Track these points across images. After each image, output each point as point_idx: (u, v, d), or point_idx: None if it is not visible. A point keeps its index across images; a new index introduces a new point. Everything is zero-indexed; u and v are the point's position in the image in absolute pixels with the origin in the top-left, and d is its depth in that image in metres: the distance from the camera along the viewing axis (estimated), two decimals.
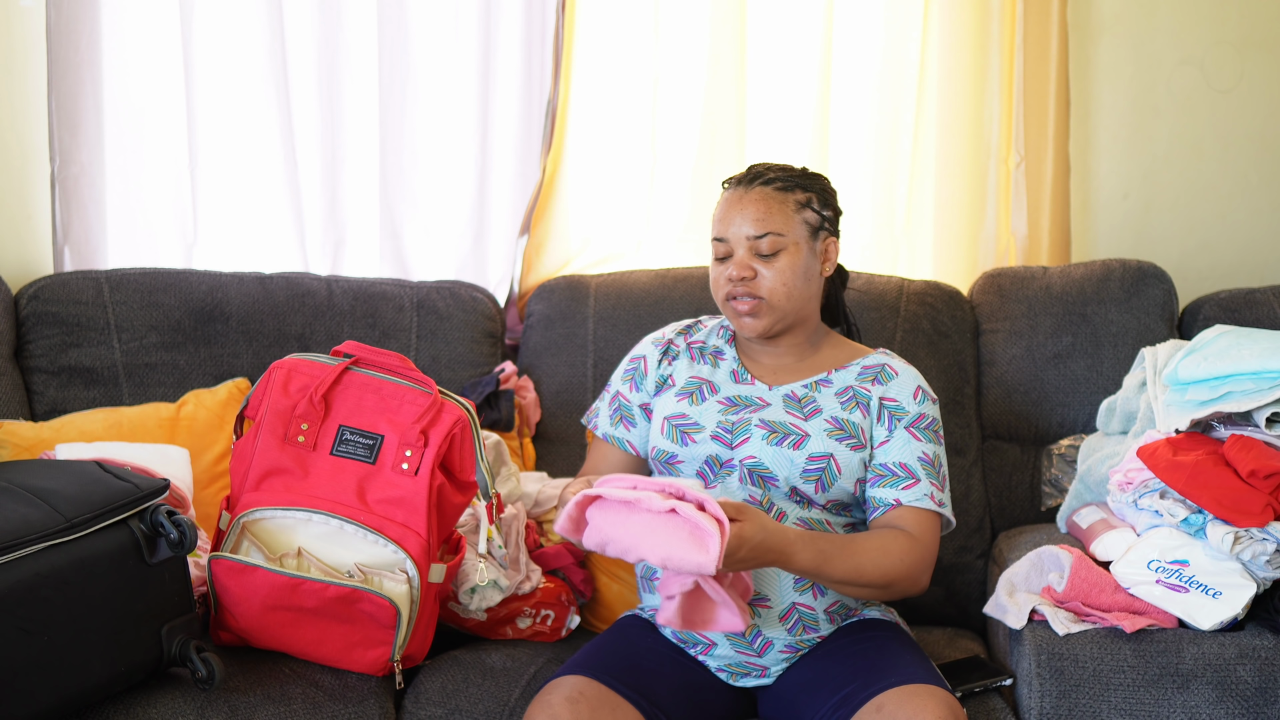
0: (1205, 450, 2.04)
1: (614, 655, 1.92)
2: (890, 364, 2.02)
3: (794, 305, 1.97)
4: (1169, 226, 2.92)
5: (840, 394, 1.98)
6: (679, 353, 2.07)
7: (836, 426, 1.94)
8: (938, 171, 2.82)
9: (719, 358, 2.05)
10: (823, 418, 1.95)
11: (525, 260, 2.77)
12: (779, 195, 1.97)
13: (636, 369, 2.09)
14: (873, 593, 1.88)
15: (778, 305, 1.96)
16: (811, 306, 2.01)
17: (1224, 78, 2.88)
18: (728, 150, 2.77)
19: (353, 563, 1.87)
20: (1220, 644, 1.93)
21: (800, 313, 2.00)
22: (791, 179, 1.99)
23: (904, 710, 1.72)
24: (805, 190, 1.99)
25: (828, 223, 2.00)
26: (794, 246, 1.96)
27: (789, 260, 1.95)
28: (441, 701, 1.97)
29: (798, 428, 1.94)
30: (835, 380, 2.00)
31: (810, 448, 1.92)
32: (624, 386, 2.09)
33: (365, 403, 1.95)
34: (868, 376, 2.00)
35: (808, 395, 1.98)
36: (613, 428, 2.09)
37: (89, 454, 2.06)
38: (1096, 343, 2.55)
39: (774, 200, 1.96)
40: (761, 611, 1.90)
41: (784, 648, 1.92)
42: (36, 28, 2.59)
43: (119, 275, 2.50)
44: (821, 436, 1.93)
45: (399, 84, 2.74)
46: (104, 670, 1.75)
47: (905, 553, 1.87)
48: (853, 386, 1.98)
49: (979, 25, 2.78)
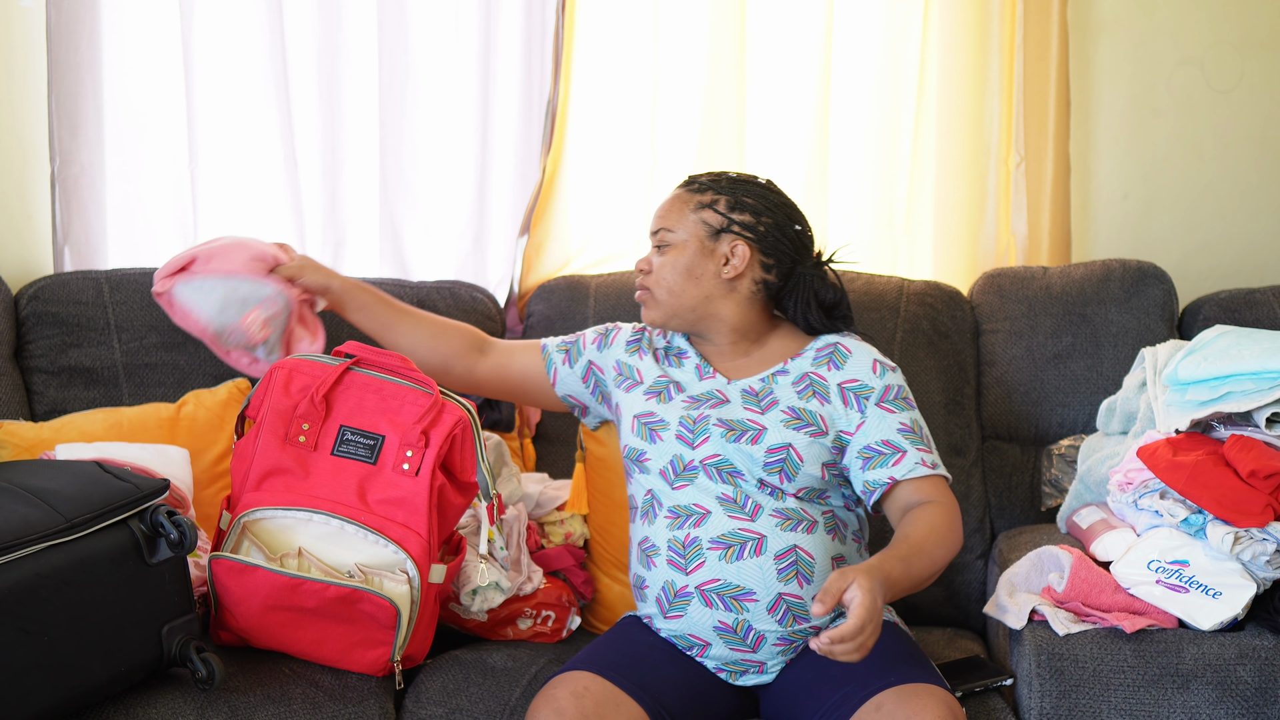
0: (1205, 450, 2.04)
1: (617, 653, 1.92)
2: (842, 343, 2.02)
3: (679, 302, 1.99)
4: (1169, 227, 2.92)
5: (797, 382, 1.99)
6: (649, 350, 2.09)
7: (794, 416, 1.95)
8: (938, 171, 2.82)
9: (682, 357, 2.07)
10: (779, 409, 1.96)
11: (525, 260, 2.77)
12: (685, 195, 2.02)
13: (608, 333, 2.14)
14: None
15: (661, 300, 2.01)
16: (715, 307, 2.00)
17: (1224, 78, 2.88)
18: (728, 150, 2.77)
19: (353, 563, 1.87)
20: (1220, 644, 1.93)
21: (698, 310, 2.00)
22: (710, 183, 2.02)
23: (903, 710, 1.73)
24: (717, 193, 2.00)
25: (736, 225, 1.98)
26: (681, 244, 1.99)
27: (673, 257, 1.99)
28: (442, 701, 1.97)
29: (754, 422, 1.95)
30: (792, 369, 2.00)
31: (768, 440, 1.93)
32: (590, 338, 2.15)
33: (366, 403, 1.95)
34: (822, 360, 2.00)
35: (765, 388, 1.99)
36: (556, 349, 2.15)
37: (89, 454, 2.06)
38: (1096, 343, 2.55)
39: (678, 199, 2.02)
40: (749, 605, 1.90)
41: (777, 640, 1.92)
42: (36, 28, 2.58)
43: (119, 275, 2.50)
44: (778, 428, 1.94)
45: (399, 84, 2.74)
46: (104, 670, 1.75)
47: (950, 521, 1.90)
48: (809, 373, 1.99)
49: (979, 25, 2.78)
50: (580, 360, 2.14)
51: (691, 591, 1.91)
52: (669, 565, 1.94)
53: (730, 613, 1.90)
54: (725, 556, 1.90)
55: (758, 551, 1.90)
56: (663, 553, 1.94)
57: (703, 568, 1.91)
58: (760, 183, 2.04)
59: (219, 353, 2.23)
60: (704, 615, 1.91)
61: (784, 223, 2.00)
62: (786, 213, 2.02)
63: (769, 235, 1.99)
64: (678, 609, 1.93)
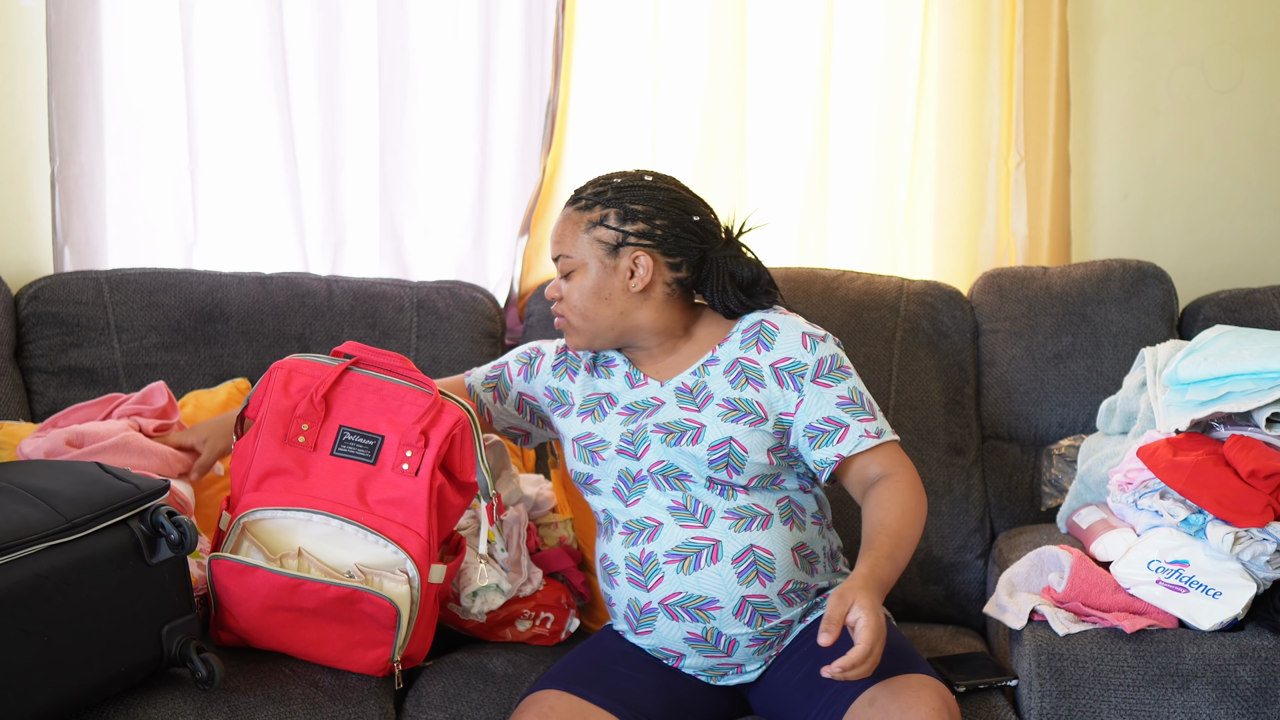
0: (1205, 450, 2.04)
1: (588, 665, 1.92)
2: (767, 319, 1.96)
3: (596, 325, 1.95)
4: (1169, 227, 2.92)
5: (729, 370, 1.94)
6: (577, 367, 2.05)
7: (730, 408, 1.91)
8: (938, 171, 2.82)
9: (610, 366, 2.03)
10: (715, 402, 1.92)
11: (525, 260, 2.77)
12: (575, 216, 1.96)
13: (532, 360, 2.09)
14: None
15: (578, 325, 1.96)
16: (633, 320, 1.96)
17: (1224, 78, 2.88)
18: (728, 150, 2.77)
19: (353, 563, 1.87)
20: (1220, 644, 1.93)
21: (617, 327, 1.96)
22: (596, 196, 1.95)
23: (897, 703, 1.73)
24: (605, 207, 1.94)
25: (633, 237, 1.92)
26: (582, 267, 1.94)
27: (578, 282, 1.95)
28: (443, 706, 1.97)
29: (692, 421, 1.92)
30: (721, 356, 1.96)
31: (708, 437, 1.90)
32: (513, 367, 2.11)
33: (366, 403, 1.95)
34: (749, 342, 1.95)
35: (698, 382, 1.95)
36: (482, 389, 2.10)
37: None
38: (1096, 343, 2.55)
39: (569, 222, 1.96)
40: (714, 613, 1.88)
41: (750, 641, 1.91)
42: (36, 28, 2.59)
43: (119, 275, 2.50)
44: (716, 423, 1.90)
45: (399, 84, 2.74)
46: (104, 670, 1.75)
47: (914, 494, 1.87)
48: (739, 359, 1.94)
49: (979, 25, 2.78)
50: (510, 394, 2.10)
51: (656, 607, 1.90)
52: (629, 583, 1.92)
53: (697, 623, 1.89)
54: (683, 568, 1.88)
55: (714, 559, 1.88)
56: (622, 570, 1.93)
57: (662, 582, 1.89)
58: (647, 183, 1.96)
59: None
60: (672, 628, 1.90)
61: (680, 218, 1.94)
62: (681, 207, 1.95)
63: (668, 237, 1.93)
64: (646, 624, 1.92)
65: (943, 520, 2.48)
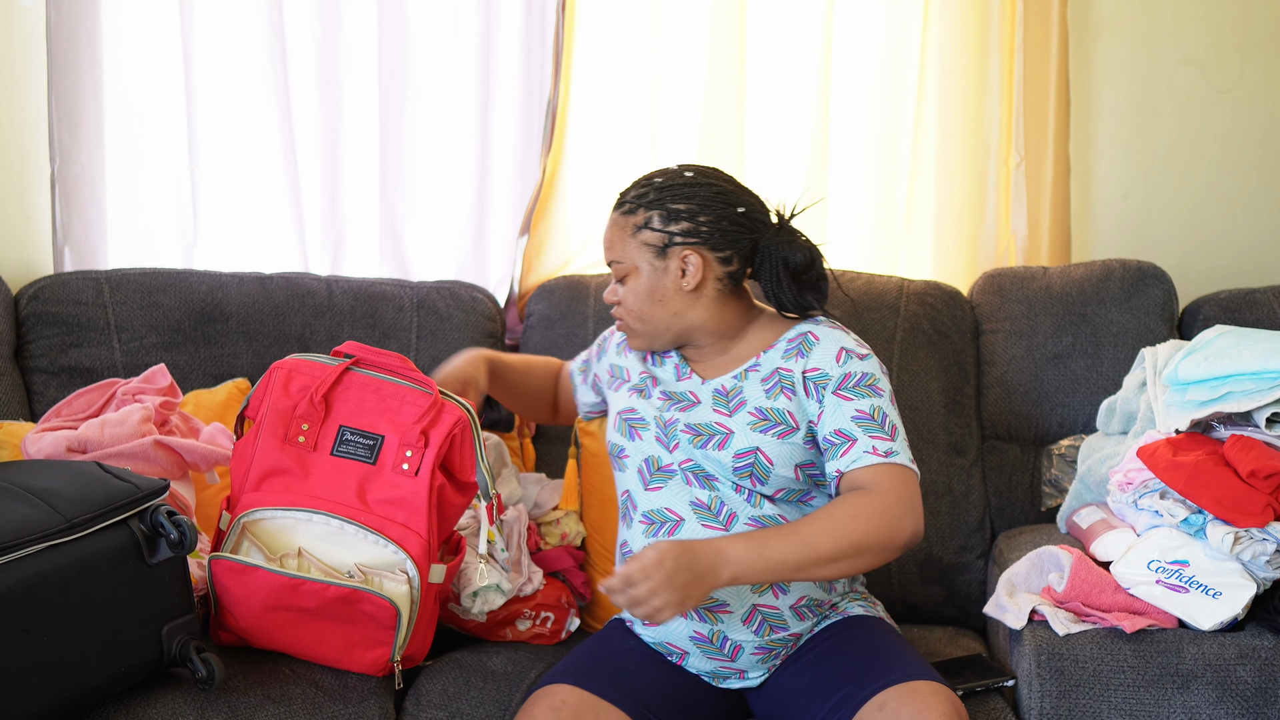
0: (1205, 450, 2.04)
1: (597, 660, 1.92)
2: (812, 331, 1.95)
3: (653, 326, 1.97)
4: (1169, 226, 2.92)
5: (766, 379, 1.94)
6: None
7: (760, 417, 1.91)
8: (938, 172, 2.82)
9: (664, 356, 2.04)
10: (746, 410, 1.92)
11: (525, 260, 2.77)
12: (621, 221, 1.97)
13: (604, 340, 2.19)
14: (851, 564, 1.79)
15: (637, 328, 1.99)
16: (689, 319, 1.96)
17: (1224, 78, 2.88)
18: (728, 150, 2.77)
19: (353, 563, 1.87)
20: (1220, 644, 1.93)
21: (674, 328, 1.97)
22: (639, 199, 1.95)
23: (907, 708, 1.72)
24: (647, 209, 1.94)
25: (679, 236, 1.92)
26: (635, 271, 1.96)
27: (633, 285, 1.96)
28: (442, 705, 1.97)
29: (722, 426, 1.92)
30: (764, 363, 1.96)
31: (735, 445, 1.90)
32: (594, 349, 2.23)
33: (365, 403, 1.95)
34: (791, 352, 1.95)
35: (735, 387, 1.95)
36: (578, 373, 2.25)
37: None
38: (1096, 343, 2.55)
39: (616, 227, 1.97)
40: (723, 617, 1.88)
41: (755, 649, 1.91)
42: (36, 28, 2.59)
43: (119, 275, 2.50)
44: (745, 431, 1.90)
45: (399, 84, 2.74)
46: (104, 670, 1.75)
47: (857, 510, 1.80)
48: (778, 368, 1.94)
49: (979, 25, 2.78)
50: (590, 375, 2.21)
51: None
52: None
53: (705, 624, 1.89)
54: None
55: None
56: None
57: None
58: (688, 179, 1.95)
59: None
60: (680, 625, 1.90)
61: (724, 211, 1.93)
62: (725, 200, 1.94)
63: (714, 232, 1.92)
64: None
65: (943, 520, 2.48)
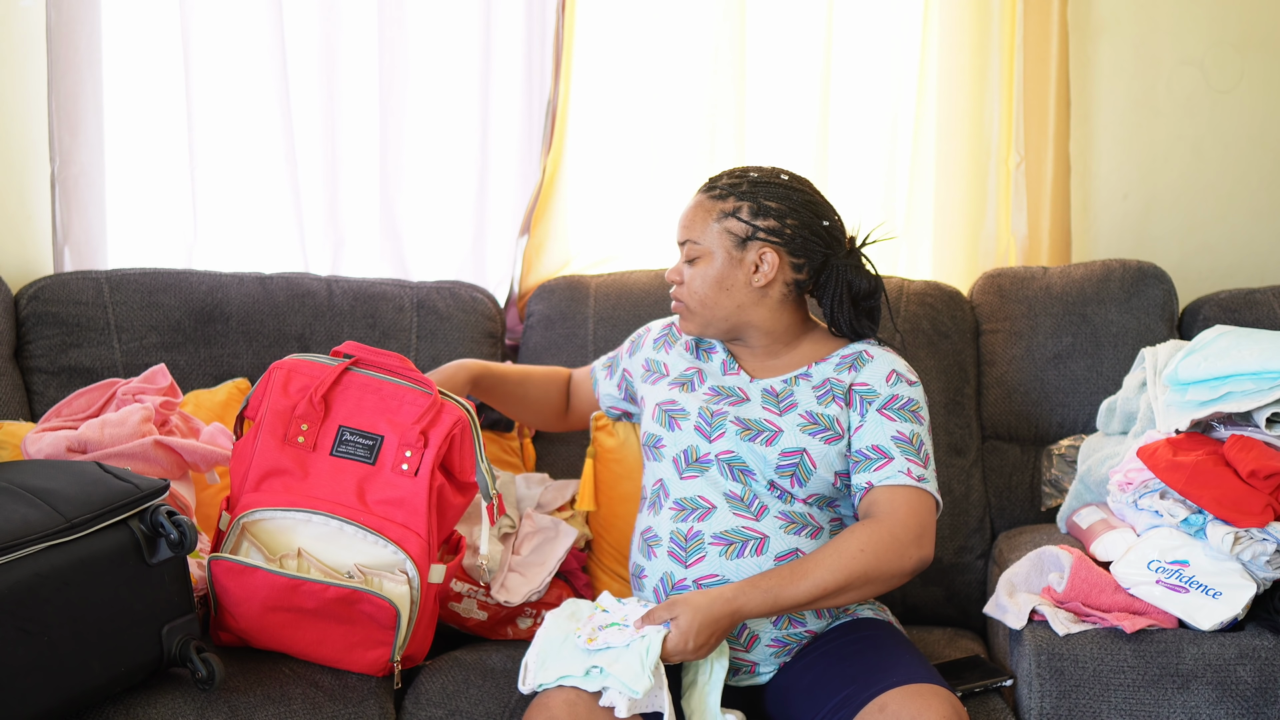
0: (1205, 450, 2.04)
1: None
2: (867, 350, 2.01)
3: (713, 313, 1.99)
4: (1169, 226, 2.92)
5: (818, 387, 1.98)
6: (676, 342, 2.11)
7: (810, 420, 1.95)
8: (938, 172, 2.82)
9: (710, 352, 2.08)
10: (797, 412, 1.96)
11: (525, 260, 2.77)
12: (708, 203, 1.99)
13: (639, 337, 2.19)
14: (858, 594, 1.86)
15: (695, 311, 2.00)
16: (748, 315, 1.99)
17: (1224, 78, 2.88)
18: (728, 150, 2.77)
19: (353, 563, 1.87)
20: (1220, 644, 1.93)
21: (732, 319, 1.99)
22: (731, 187, 1.98)
23: (908, 710, 1.73)
24: (739, 199, 1.97)
25: (763, 232, 1.95)
26: (708, 255, 1.97)
27: (702, 269, 1.98)
28: (442, 702, 1.97)
29: (771, 423, 1.95)
30: (815, 374, 2.00)
31: (783, 443, 1.93)
32: (625, 346, 2.21)
33: (365, 403, 1.95)
34: (845, 365, 1.99)
35: (786, 390, 1.99)
36: (603, 369, 2.25)
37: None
38: (1096, 343, 2.55)
39: (701, 208, 1.99)
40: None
41: (771, 641, 1.92)
42: (36, 28, 2.58)
43: (119, 275, 2.50)
44: (794, 431, 1.94)
45: (399, 84, 2.74)
46: (104, 671, 1.75)
47: (865, 542, 1.85)
48: (830, 379, 1.98)
49: (979, 25, 2.78)
50: (618, 370, 2.21)
51: (689, 585, 1.92)
52: (669, 557, 1.94)
53: None
54: (726, 553, 1.91)
55: (759, 551, 1.90)
56: (664, 544, 1.95)
57: (702, 562, 1.91)
58: (783, 181, 2.00)
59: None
60: None
61: (810, 221, 1.98)
62: (814, 210, 1.99)
63: (796, 237, 1.97)
64: None
65: (943, 521, 2.48)
